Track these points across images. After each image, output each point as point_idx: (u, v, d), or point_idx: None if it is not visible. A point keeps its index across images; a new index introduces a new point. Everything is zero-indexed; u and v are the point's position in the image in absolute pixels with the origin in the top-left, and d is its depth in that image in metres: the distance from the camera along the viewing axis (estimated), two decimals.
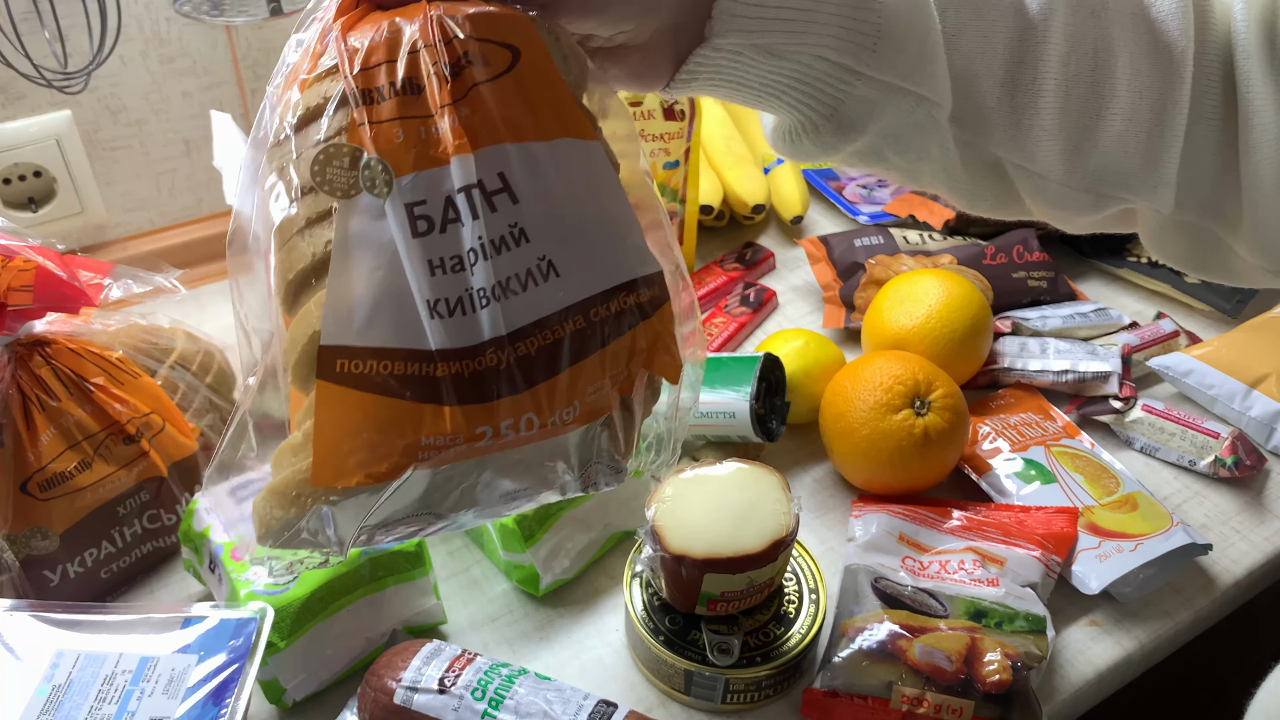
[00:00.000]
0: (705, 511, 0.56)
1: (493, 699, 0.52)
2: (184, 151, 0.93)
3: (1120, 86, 0.44)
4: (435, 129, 0.37)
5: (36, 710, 0.51)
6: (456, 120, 0.37)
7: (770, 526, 0.55)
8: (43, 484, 0.61)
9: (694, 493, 0.57)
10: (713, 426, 0.72)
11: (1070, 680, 0.62)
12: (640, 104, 0.83)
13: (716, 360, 0.74)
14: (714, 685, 0.58)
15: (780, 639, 0.58)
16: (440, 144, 0.37)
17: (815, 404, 0.75)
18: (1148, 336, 0.84)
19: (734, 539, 0.54)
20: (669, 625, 0.59)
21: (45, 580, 0.63)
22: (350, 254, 0.37)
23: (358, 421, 0.37)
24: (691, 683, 0.58)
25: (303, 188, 0.38)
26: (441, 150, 0.37)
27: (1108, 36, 0.44)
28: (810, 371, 0.76)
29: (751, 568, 0.54)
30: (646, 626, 0.59)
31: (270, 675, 0.57)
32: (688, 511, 0.56)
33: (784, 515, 0.56)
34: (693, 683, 0.58)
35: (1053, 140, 0.45)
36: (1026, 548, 0.65)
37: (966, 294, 0.77)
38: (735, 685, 0.58)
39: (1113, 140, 0.45)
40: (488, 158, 0.37)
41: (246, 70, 0.92)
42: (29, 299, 0.58)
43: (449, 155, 0.37)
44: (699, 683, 0.58)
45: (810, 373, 0.76)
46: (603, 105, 0.43)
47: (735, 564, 0.54)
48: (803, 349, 0.78)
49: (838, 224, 1.05)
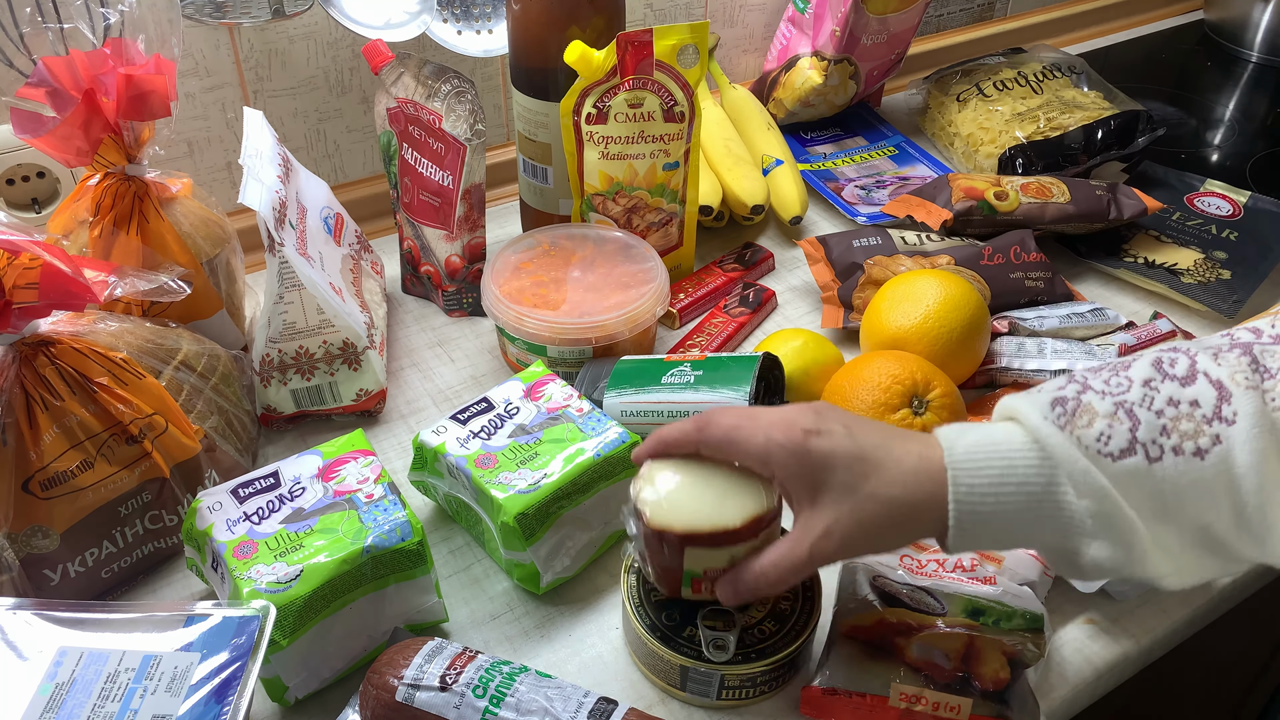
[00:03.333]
0: (688, 489, 0.56)
1: (494, 696, 0.52)
2: (187, 153, 0.94)
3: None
4: None
5: (40, 708, 0.51)
6: None
7: (752, 504, 0.55)
8: (44, 483, 0.62)
9: (678, 473, 0.57)
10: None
11: (1068, 678, 0.62)
12: (640, 104, 0.83)
13: (716, 360, 0.75)
14: (709, 681, 0.58)
15: (776, 635, 0.59)
16: None
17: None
18: (1145, 336, 0.84)
19: (715, 514, 0.55)
20: (665, 621, 0.60)
21: (46, 579, 0.63)
22: None
23: None
24: (687, 678, 0.59)
25: None
26: None
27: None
28: (809, 371, 0.77)
29: (731, 543, 0.55)
30: (643, 622, 0.60)
31: (272, 673, 0.58)
32: (670, 490, 0.56)
33: (765, 495, 0.56)
34: (688, 678, 0.59)
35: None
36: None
37: (964, 294, 0.78)
38: (730, 681, 0.58)
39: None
40: None
41: (249, 72, 0.93)
42: (34, 296, 0.58)
43: None
44: (694, 678, 0.58)
45: (809, 372, 0.77)
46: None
47: (715, 539, 0.54)
48: (801, 349, 0.78)
49: (836, 225, 1.05)
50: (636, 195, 0.88)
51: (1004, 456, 0.50)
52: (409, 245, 0.92)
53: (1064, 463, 0.49)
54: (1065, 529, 0.49)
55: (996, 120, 1.10)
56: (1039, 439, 0.50)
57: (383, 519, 0.60)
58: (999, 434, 0.51)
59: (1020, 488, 0.49)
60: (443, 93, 0.82)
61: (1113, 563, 0.49)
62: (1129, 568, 0.50)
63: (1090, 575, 0.51)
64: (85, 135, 0.70)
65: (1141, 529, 0.48)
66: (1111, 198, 0.96)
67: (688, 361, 0.76)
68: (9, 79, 0.77)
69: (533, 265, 0.85)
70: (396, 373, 0.86)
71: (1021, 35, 1.41)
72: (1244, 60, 1.43)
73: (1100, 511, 0.48)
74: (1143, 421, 0.48)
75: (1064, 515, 0.49)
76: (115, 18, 0.72)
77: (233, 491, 0.63)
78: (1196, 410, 0.48)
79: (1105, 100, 1.13)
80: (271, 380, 0.77)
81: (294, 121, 0.98)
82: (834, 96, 1.15)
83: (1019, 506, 0.49)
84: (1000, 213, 0.93)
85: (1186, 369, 0.49)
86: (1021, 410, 0.51)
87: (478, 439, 0.68)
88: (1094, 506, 0.48)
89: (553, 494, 0.64)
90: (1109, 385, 0.50)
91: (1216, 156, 1.21)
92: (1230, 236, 0.98)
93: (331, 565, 0.58)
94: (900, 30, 1.12)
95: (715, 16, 1.18)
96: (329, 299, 0.75)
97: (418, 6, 0.93)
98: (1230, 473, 0.47)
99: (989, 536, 0.50)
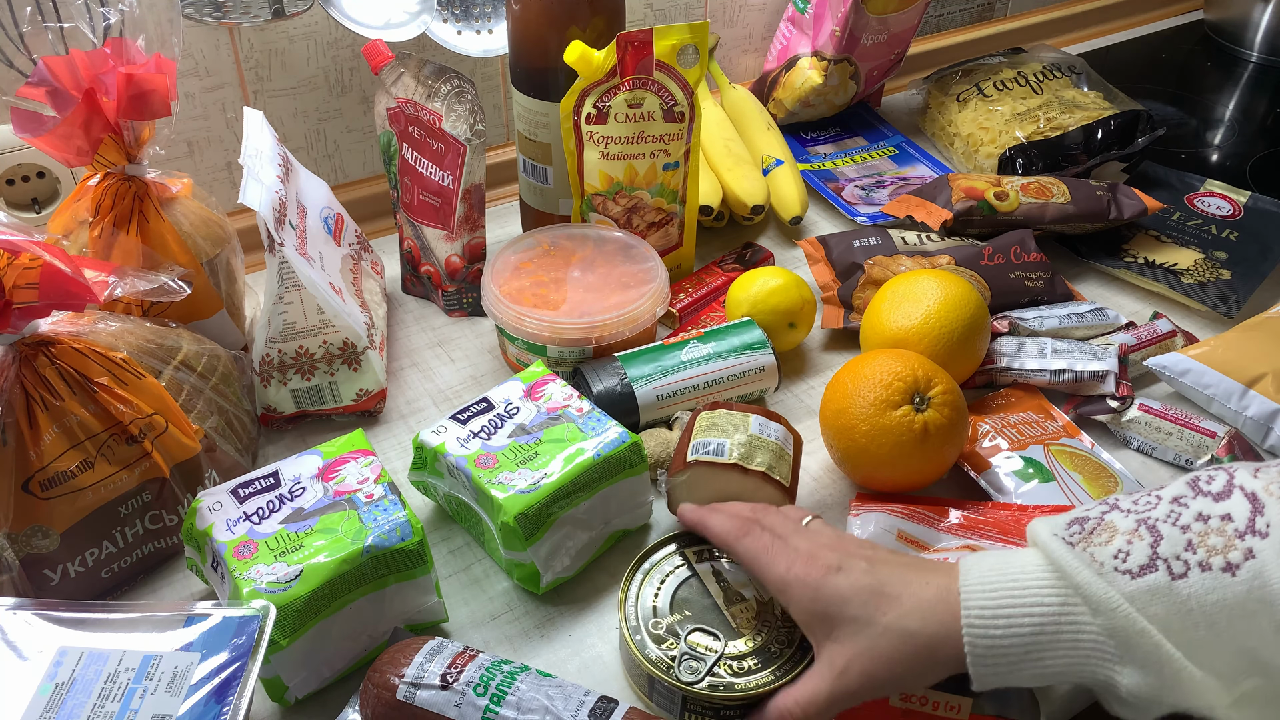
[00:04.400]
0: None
1: (494, 695, 0.52)
2: (187, 153, 0.94)
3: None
4: None
5: (39, 708, 0.51)
6: None
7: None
8: (44, 483, 0.62)
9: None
10: (742, 384, 0.78)
11: None
12: (640, 105, 0.83)
13: (713, 332, 0.80)
14: (673, 698, 0.57)
15: (753, 671, 0.56)
16: None
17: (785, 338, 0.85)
18: (1144, 336, 0.84)
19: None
20: (651, 628, 0.59)
21: (45, 579, 0.63)
22: None
23: None
24: (654, 689, 0.58)
25: None
26: None
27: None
28: (777, 310, 0.84)
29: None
30: (630, 621, 0.59)
31: (273, 673, 0.58)
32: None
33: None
34: (654, 689, 0.58)
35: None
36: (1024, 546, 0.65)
37: (964, 294, 0.78)
38: (693, 706, 0.57)
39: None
40: None
41: (249, 72, 0.93)
42: (34, 296, 0.58)
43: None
44: (660, 690, 0.57)
45: (777, 310, 0.84)
46: None
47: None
48: (779, 289, 0.84)
49: (836, 225, 1.05)
50: (636, 195, 0.88)
51: (1014, 579, 0.48)
52: (409, 245, 0.92)
53: (1077, 582, 0.47)
54: (1089, 655, 0.47)
55: (996, 120, 1.10)
56: (1051, 558, 0.48)
57: (383, 519, 0.60)
58: (1015, 558, 0.49)
59: (1032, 609, 0.47)
60: (443, 93, 0.82)
61: (1150, 690, 0.46)
62: (1172, 696, 0.46)
63: (1143, 709, 0.47)
64: (85, 135, 0.70)
65: (1171, 651, 0.45)
66: (1111, 198, 0.96)
67: (691, 338, 0.79)
68: (9, 79, 0.77)
69: (533, 265, 0.85)
70: (396, 373, 0.86)
71: (1021, 35, 1.41)
72: (1244, 60, 1.43)
73: (1117, 629, 0.46)
74: (1165, 537, 0.46)
75: (1083, 639, 0.47)
76: (115, 17, 0.72)
77: (233, 491, 0.62)
78: (1228, 525, 0.45)
79: (1105, 100, 1.14)
80: (271, 380, 0.77)
81: (294, 121, 0.98)
82: (834, 96, 1.15)
83: (1033, 629, 0.47)
84: (1000, 213, 0.93)
85: (1223, 485, 0.47)
86: (1038, 531, 0.50)
87: (478, 439, 0.68)
88: (1109, 624, 0.46)
89: (553, 494, 0.64)
90: (1136, 504, 0.48)
91: (1216, 156, 1.21)
92: (1230, 236, 0.98)
93: (331, 565, 0.57)
94: (900, 30, 1.12)
95: (715, 16, 1.18)
96: (329, 299, 0.75)
97: (418, 6, 0.93)
98: (1266, 589, 0.43)
99: (1009, 666, 0.48)
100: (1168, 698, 0.46)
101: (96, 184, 0.75)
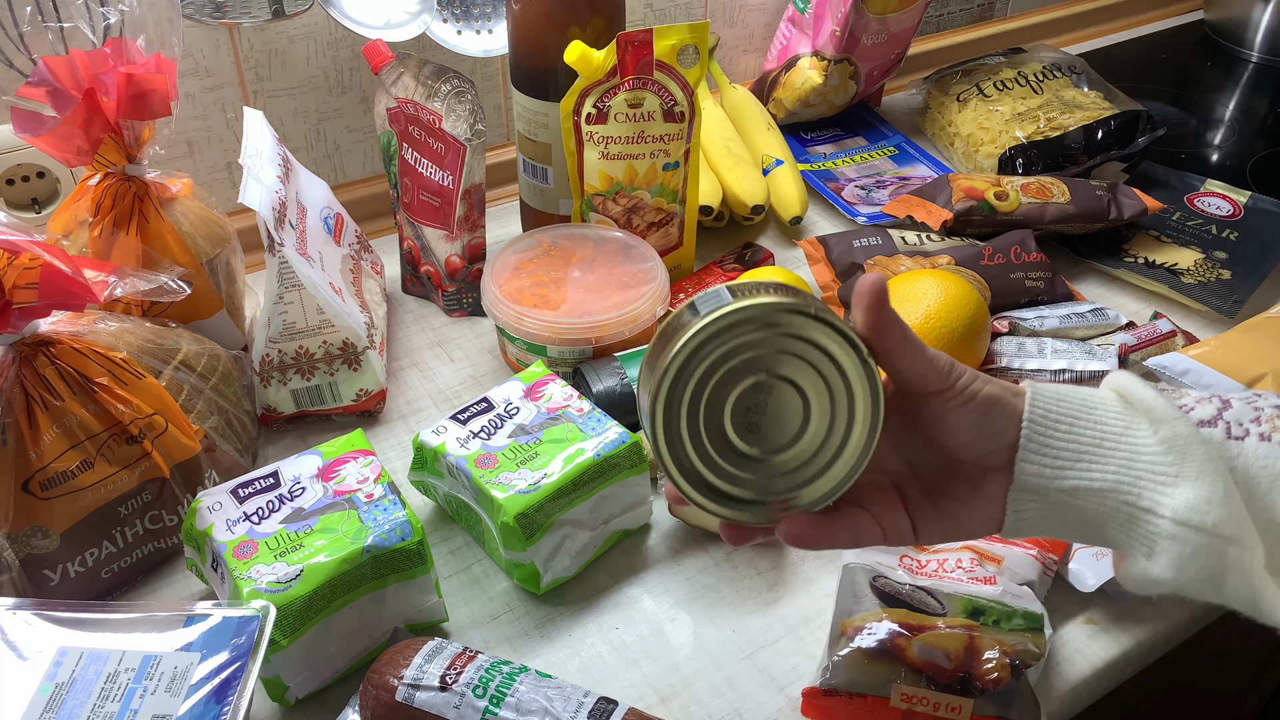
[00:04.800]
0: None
1: (494, 696, 0.52)
2: (187, 153, 0.94)
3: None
4: None
5: (39, 708, 0.51)
6: None
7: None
8: (44, 483, 0.62)
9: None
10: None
11: (1068, 678, 0.62)
12: (640, 105, 0.83)
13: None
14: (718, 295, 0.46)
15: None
16: None
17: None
18: (1145, 336, 0.84)
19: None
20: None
21: (45, 579, 0.63)
22: None
23: None
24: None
25: None
26: None
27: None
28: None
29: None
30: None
31: (273, 673, 0.58)
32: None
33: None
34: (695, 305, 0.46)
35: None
36: (1024, 546, 0.65)
37: (964, 294, 0.78)
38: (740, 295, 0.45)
39: None
40: None
41: (249, 72, 0.93)
42: (34, 296, 0.58)
43: None
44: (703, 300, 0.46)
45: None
46: None
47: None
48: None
49: (836, 225, 1.05)
50: (636, 195, 0.88)
51: (1084, 398, 0.48)
52: (409, 245, 0.92)
53: (1141, 397, 0.47)
54: (1141, 474, 0.46)
55: (996, 120, 1.10)
56: (1120, 389, 0.48)
57: (383, 519, 0.60)
58: (1086, 389, 0.49)
59: (1095, 425, 0.47)
60: (443, 93, 0.82)
61: (1197, 516, 0.45)
62: (1216, 514, 0.45)
63: (1175, 564, 0.46)
64: (85, 135, 0.70)
65: (1223, 467, 0.45)
66: (1111, 198, 0.96)
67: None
68: (9, 79, 0.76)
69: (533, 265, 0.85)
70: (396, 373, 0.86)
71: (1021, 35, 1.41)
72: (1244, 60, 1.43)
73: (1177, 438, 0.46)
74: (1234, 407, 0.47)
75: (1141, 455, 0.46)
76: (115, 17, 0.72)
77: (232, 491, 0.63)
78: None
79: (1105, 100, 1.14)
80: (271, 380, 0.77)
81: (294, 121, 0.98)
82: (834, 96, 1.15)
83: (1092, 439, 0.47)
84: (1000, 213, 0.93)
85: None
86: (1111, 377, 0.50)
87: (478, 439, 0.68)
88: (1170, 434, 0.46)
89: (553, 494, 0.64)
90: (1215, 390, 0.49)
91: (1216, 156, 1.21)
92: (1230, 236, 0.98)
93: (331, 565, 0.58)
94: (900, 30, 1.12)
95: (715, 16, 1.18)
96: (329, 299, 0.75)
97: (418, 6, 0.93)
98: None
99: (1055, 470, 0.47)
100: (1212, 516, 0.45)
101: (96, 184, 0.75)
